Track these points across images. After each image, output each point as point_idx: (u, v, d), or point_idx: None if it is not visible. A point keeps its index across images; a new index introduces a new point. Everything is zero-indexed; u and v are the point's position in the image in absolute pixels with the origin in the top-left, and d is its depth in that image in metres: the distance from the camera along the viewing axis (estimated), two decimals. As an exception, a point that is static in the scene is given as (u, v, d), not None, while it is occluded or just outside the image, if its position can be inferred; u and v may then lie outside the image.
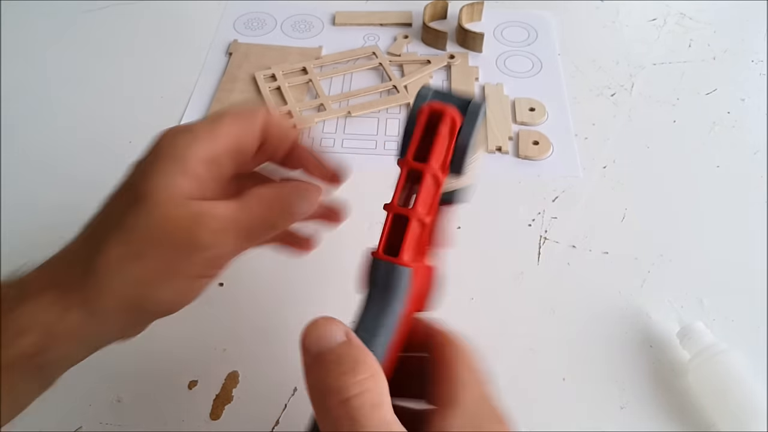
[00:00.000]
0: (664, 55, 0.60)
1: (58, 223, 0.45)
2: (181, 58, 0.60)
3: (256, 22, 0.64)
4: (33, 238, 0.45)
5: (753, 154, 0.51)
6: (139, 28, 0.64)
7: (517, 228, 0.45)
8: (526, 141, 0.51)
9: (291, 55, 0.60)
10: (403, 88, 0.55)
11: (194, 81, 0.57)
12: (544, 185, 0.48)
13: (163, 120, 0.54)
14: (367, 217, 0.43)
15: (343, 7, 0.66)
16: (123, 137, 0.52)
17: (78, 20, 0.64)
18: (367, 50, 0.59)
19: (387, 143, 0.52)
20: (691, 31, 0.63)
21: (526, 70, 0.59)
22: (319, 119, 0.53)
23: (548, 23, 0.64)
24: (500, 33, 0.63)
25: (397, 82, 0.56)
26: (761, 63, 0.59)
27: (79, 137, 0.52)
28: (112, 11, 0.66)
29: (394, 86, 0.56)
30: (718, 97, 0.56)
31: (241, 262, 0.43)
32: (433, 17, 0.64)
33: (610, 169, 0.49)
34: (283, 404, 0.36)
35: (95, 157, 0.51)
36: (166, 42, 0.62)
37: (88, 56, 0.60)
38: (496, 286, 0.42)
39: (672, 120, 0.54)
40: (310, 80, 0.56)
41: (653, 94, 0.56)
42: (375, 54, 0.59)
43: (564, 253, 0.44)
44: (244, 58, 0.59)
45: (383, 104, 0.54)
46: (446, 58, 0.57)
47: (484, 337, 0.39)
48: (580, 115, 0.54)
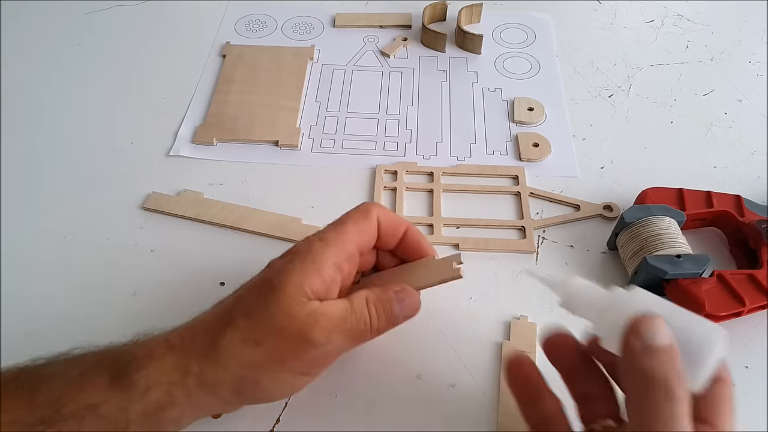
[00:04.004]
0: (661, 56, 0.61)
1: (58, 224, 0.46)
2: (183, 59, 0.60)
3: (257, 24, 0.65)
4: (33, 237, 0.45)
5: (750, 154, 0.51)
6: (140, 30, 0.64)
7: (515, 228, 0.46)
8: (526, 143, 0.51)
9: (284, 56, 0.60)
10: (531, 233, 0.45)
11: (195, 82, 0.58)
12: (542, 185, 0.48)
13: (164, 120, 0.54)
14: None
15: (343, 8, 0.66)
16: (124, 138, 0.53)
17: (79, 21, 0.65)
18: (511, 170, 0.49)
19: (387, 144, 0.52)
20: (689, 33, 0.64)
21: (524, 72, 0.59)
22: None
23: (546, 25, 0.65)
24: (499, 35, 0.64)
25: (528, 223, 0.46)
26: (758, 64, 0.60)
27: (79, 137, 0.53)
28: (114, 12, 0.66)
29: (522, 227, 0.45)
30: (716, 98, 0.56)
31: (242, 261, 0.44)
32: (433, 19, 0.64)
33: (607, 170, 0.50)
34: (284, 403, 0.36)
35: (95, 158, 0.51)
36: (167, 43, 0.62)
37: (90, 57, 0.61)
38: (496, 285, 0.42)
39: (669, 121, 0.54)
40: (431, 191, 0.48)
41: (651, 95, 0.56)
42: (518, 178, 0.49)
43: (563, 252, 0.44)
44: (239, 59, 0.60)
45: (500, 247, 0.44)
46: (600, 208, 0.46)
47: (484, 336, 0.39)
48: (578, 116, 0.54)
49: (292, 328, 0.29)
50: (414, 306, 0.33)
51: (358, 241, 0.33)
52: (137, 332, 0.31)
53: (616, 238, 0.42)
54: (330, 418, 0.35)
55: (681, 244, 0.39)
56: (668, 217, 0.41)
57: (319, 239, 0.32)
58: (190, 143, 0.52)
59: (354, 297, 0.31)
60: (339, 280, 0.32)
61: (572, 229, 0.46)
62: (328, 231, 0.33)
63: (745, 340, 0.39)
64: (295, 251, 0.32)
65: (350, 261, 0.33)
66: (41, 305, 0.41)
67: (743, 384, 0.37)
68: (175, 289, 0.42)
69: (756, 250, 0.40)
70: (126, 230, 0.45)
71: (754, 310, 0.38)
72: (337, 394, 0.36)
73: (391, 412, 0.36)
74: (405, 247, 0.36)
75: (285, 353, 0.29)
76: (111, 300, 0.41)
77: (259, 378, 0.30)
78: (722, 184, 0.48)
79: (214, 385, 0.29)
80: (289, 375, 0.30)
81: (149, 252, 0.44)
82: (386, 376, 0.37)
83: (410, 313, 0.33)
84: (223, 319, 0.30)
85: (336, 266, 0.31)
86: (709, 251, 0.43)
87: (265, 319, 0.29)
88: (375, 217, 0.34)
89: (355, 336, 0.31)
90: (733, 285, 0.38)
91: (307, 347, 0.29)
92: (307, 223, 0.46)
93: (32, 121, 0.54)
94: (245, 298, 0.31)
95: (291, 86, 0.57)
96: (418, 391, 0.36)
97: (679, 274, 0.38)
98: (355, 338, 0.31)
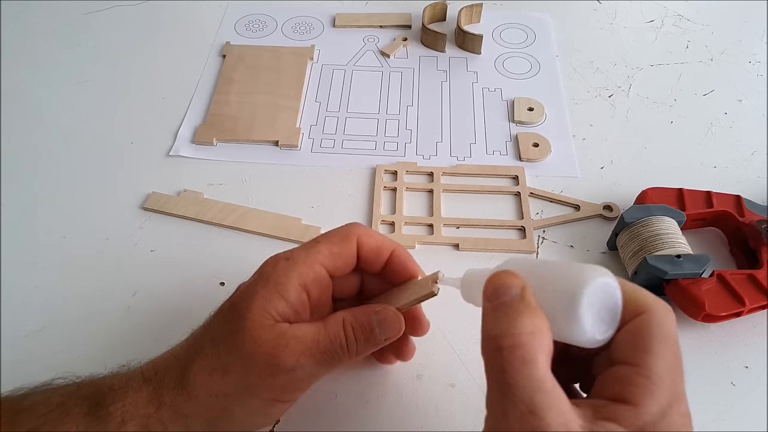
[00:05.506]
0: (661, 56, 0.61)
1: (58, 223, 0.46)
2: (183, 59, 0.60)
3: (257, 24, 0.65)
4: (33, 237, 0.45)
5: (750, 154, 0.51)
6: (140, 30, 0.64)
7: (515, 228, 0.46)
8: (526, 143, 0.51)
9: (284, 56, 0.60)
10: (531, 233, 0.45)
11: (195, 82, 0.58)
12: (542, 185, 0.48)
13: (164, 120, 0.54)
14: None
15: (343, 8, 0.66)
16: (124, 138, 0.53)
17: (79, 21, 0.65)
18: (510, 170, 0.49)
19: (387, 144, 0.52)
20: (689, 33, 0.63)
21: (524, 72, 0.59)
22: (421, 243, 0.44)
23: (546, 25, 0.65)
24: (499, 35, 0.64)
25: (528, 223, 0.46)
26: (758, 64, 0.60)
27: (79, 137, 0.53)
28: (114, 12, 0.66)
29: (522, 227, 0.46)
30: (716, 98, 0.56)
31: (242, 261, 0.44)
32: (433, 19, 0.64)
33: (607, 170, 0.50)
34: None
35: (95, 158, 0.51)
36: (167, 43, 0.62)
37: (90, 57, 0.61)
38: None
39: (669, 121, 0.54)
40: (431, 191, 0.48)
41: (651, 95, 0.56)
42: (518, 179, 0.49)
43: (562, 252, 0.44)
44: (239, 59, 0.60)
45: (501, 247, 0.44)
46: (600, 208, 0.46)
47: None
48: (578, 116, 0.54)
49: (260, 353, 0.28)
50: (396, 326, 0.31)
51: (329, 264, 0.31)
52: (136, 330, 0.30)
53: (616, 238, 0.42)
54: (330, 418, 0.35)
55: (681, 244, 0.39)
56: (668, 217, 0.41)
57: (285, 258, 0.31)
58: (190, 143, 0.52)
59: (329, 318, 0.30)
60: (306, 301, 0.30)
61: (572, 229, 0.46)
62: (298, 250, 0.31)
63: (745, 340, 0.39)
64: (259, 272, 0.31)
65: (319, 283, 0.31)
66: (41, 305, 0.41)
67: (743, 384, 0.37)
68: (175, 289, 0.42)
69: (756, 250, 0.40)
70: (126, 230, 0.45)
71: (754, 310, 0.38)
72: (337, 394, 0.36)
73: (391, 412, 0.35)
74: (391, 270, 0.33)
75: (253, 380, 0.28)
76: (111, 300, 0.41)
77: (230, 407, 0.29)
78: (722, 184, 0.48)
79: (187, 417, 0.29)
80: (261, 402, 0.30)
81: (149, 252, 0.44)
82: (386, 376, 0.37)
83: (392, 334, 0.31)
84: (193, 347, 0.30)
85: (302, 287, 0.30)
86: (709, 251, 0.43)
87: (231, 346, 0.28)
88: (354, 241, 0.32)
89: (329, 359, 0.29)
90: (733, 285, 0.38)
91: (276, 372, 0.28)
92: (307, 223, 0.46)
93: (32, 121, 0.54)
94: (213, 326, 0.30)
95: (291, 86, 0.57)
96: (418, 391, 0.36)
97: (679, 274, 0.38)
98: (330, 362, 0.29)
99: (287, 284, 0.29)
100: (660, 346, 0.23)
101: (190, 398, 0.28)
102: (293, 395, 0.31)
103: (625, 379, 0.23)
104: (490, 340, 0.23)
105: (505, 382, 0.22)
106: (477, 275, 0.29)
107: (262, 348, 0.28)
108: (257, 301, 0.29)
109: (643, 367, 0.23)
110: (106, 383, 0.29)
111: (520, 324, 0.23)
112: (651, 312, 0.24)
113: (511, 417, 0.22)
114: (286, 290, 0.29)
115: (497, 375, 0.23)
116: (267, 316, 0.29)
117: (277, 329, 0.29)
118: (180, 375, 0.29)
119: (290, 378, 0.29)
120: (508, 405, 0.22)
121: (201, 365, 0.29)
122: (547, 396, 0.22)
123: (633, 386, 0.23)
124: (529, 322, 0.23)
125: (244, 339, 0.28)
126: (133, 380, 0.29)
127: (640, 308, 0.25)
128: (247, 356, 0.28)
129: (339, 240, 0.32)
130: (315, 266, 0.30)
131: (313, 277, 0.30)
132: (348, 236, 0.32)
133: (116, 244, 0.45)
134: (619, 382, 0.23)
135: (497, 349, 0.23)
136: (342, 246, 0.32)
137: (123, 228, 0.46)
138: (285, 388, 0.30)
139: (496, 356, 0.23)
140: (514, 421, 0.22)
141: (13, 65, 0.60)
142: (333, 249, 0.31)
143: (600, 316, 0.24)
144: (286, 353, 0.28)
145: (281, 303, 0.29)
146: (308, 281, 0.30)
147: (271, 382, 0.29)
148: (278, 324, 0.29)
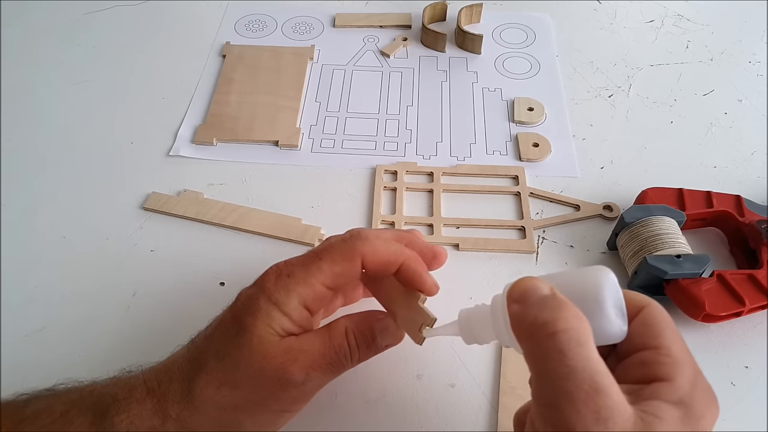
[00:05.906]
0: (661, 56, 0.61)
1: (59, 223, 0.46)
2: (183, 59, 0.60)
3: (257, 24, 0.65)
4: (33, 237, 0.45)
5: (750, 154, 0.51)
6: (140, 30, 0.64)
7: (515, 228, 0.46)
8: (526, 143, 0.51)
9: (284, 56, 0.60)
10: (531, 233, 0.45)
11: (195, 82, 0.58)
12: (542, 185, 0.48)
13: (164, 120, 0.54)
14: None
15: (343, 8, 0.66)
16: (124, 138, 0.53)
17: (79, 21, 0.65)
18: (510, 170, 0.49)
19: (387, 144, 0.52)
20: (689, 33, 0.64)
21: (524, 72, 0.59)
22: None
23: (546, 25, 0.65)
24: (499, 35, 0.64)
25: (528, 223, 0.45)
26: (758, 64, 0.60)
27: (79, 137, 0.53)
28: (114, 12, 0.66)
29: (522, 227, 0.45)
30: (716, 98, 0.56)
31: (242, 261, 0.44)
32: (433, 19, 0.64)
33: (607, 170, 0.50)
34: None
35: (95, 158, 0.51)
36: (167, 43, 0.62)
37: (90, 57, 0.61)
38: (496, 285, 0.42)
39: (669, 121, 0.54)
40: (431, 191, 0.48)
41: (651, 95, 0.56)
42: (518, 179, 0.49)
43: (562, 252, 0.44)
44: (239, 59, 0.60)
45: (501, 247, 0.44)
46: (600, 208, 0.46)
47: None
48: (578, 116, 0.54)
49: (269, 368, 0.28)
50: (397, 335, 0.32)
51: (331, 283, 0.31)
52: (136, 330, 0.30)
53: (616, 238, 0.42)
54: (330, 418, 0.35)
55: (681, 244, 0.39)
56: (668, 217, 0.41)
57: (287, 275, 0.30)
58: (190, 143, 0.52)
59: (333, 327, 0.31)
60: (309, 316, 0.31)
61: (572, 229, 0.46)
62: (299, 267, 0.31)
63: (745, 340, 0.39)
64: (261, 285, 0.30)
65: (320, 300, 0.31)
66: (41, 305, 0.41)
67: (743, 384, 0.37)
68: (175, 289, 0.42)
69: (756, 250, 0.40)
70: (126, 230, 0.45)
71: (754, 310, 0.38)
72: (337, 394, 0.36)
73: (391, 412, 0.35)
74: (399, 278, 0.32)
75: (263, 393, 0.29)
76: (111, 300, 0.41)
77: (240, 419, 0.29)
78: (722, 184, 0.48)
79: (194, 430, 0.29)
80: (270, 414, 0.30)
81: (149, 252, 0.44)
82: (386, 376, 0.37)
83: (393, 342, 0.32)
84: (196, 360, 0.30)
85: (302, 305, 0.30)
86: (709, 251, 0.43)
87: (238, 361, 0.29)
88: (358, 261, 0.31)
89: (334, 369, 0.30)
90: (733, 285, 0.38)
91: (287, 387, 0.29)
92: (307, 223, 0.45)
93: (32, 120, 0.54)
94: (215, 339, 0.30)
95: (291, 86, 0.57)
96: (418, 391, 0.36)
97: (679, 274, 0.38)
98: (335, 371, 0.31)
99: (288, 304, 0.30)
100: (670, 331, 0.26)
101: (197, 412, 0.29)
102: (301, 405, 0.31)
103: (651, 361, 0.25)
104: (539, 328, 0.24)
105: (565, 364, 0.22)
106: (475, 312, 0.29)
107: (271, 363, 0.28)
108: (261, 318, 0.29)
109: (664, 348, 0.25)
110: (109, 392, 0.29)
111: (566, 310, 0.24)
112: (651, 306, 0.27)
113: (576, 399, 0.22)
114: (288, 309, 0.30)
115: (554, 360, 0.23)
116: (272, 332, 0.29)
117: (284, 344, 0.29)
118: (185, 389, 0.29)
119: (300, 391, 0.29)
120: (571, 387, 0.22)
121: (207, 380, 0.29)
122: (606, 377, 0.23)
123: (661, 365, 0.24)
124: (572, 309, 0.24)
125: (251, 354, 0.28)
126: (136, 390, 0.29)
127: (639, 304, 0.27)
128: (257, 372, 0.28)
129: (342, 258, 0.31)
130: (316, 286, 0.30)
131: (314, 297, 0.30)
132: (352, 255, 0.31)
133: (116, 244, 0.45)
134: (644, 366, 0.25)
135: (550, 335, 0.23)
136: (345, 265, 0.31)
137: (123, 228, 0.46)
138: (294, 400, 0.30)
139: (549, 342, 0.23)
140: (581, 403, 0.22)
141: (13, 65, 0.60)
142: (335, 269, 0.31)
143: (617, 311, 0.26)
144: (295, 368, 0.29)
145: (285, 320, 0.29)
146: (308, 300, 0.30)
147: (281, 395, 0.29)
148: (284, 339, 0.29)
